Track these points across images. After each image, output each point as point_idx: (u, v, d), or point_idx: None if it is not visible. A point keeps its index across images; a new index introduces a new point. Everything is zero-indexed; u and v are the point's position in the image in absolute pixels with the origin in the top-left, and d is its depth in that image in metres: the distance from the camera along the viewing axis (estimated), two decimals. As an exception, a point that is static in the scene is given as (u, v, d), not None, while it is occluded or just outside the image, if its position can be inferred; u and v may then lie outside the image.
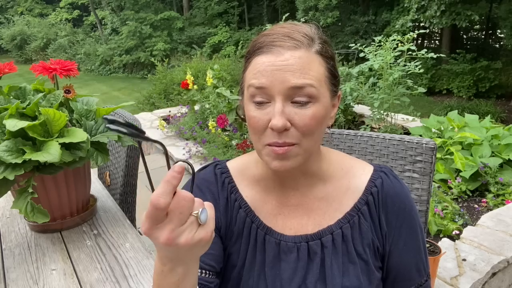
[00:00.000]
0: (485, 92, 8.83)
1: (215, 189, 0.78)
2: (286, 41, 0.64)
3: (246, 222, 0.76)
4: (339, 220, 0.74)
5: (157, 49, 14.76)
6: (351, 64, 6.16)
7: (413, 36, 3.74)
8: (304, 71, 0.63)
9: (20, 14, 22.80)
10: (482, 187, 2.92)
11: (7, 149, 0.94)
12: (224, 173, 0.79)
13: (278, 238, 0.74)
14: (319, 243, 0.73)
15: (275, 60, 0.63)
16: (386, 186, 0.75)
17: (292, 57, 0.63)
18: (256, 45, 0.67)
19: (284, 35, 0.65)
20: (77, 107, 1.12)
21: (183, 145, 4.17)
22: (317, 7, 11.62)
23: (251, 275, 0.74)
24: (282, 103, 0.63)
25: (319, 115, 0.65)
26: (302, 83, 0.62)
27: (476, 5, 8.41)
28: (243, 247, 0.76)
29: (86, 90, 11.53)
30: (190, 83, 4.43)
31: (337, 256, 0.72)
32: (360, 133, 1.20)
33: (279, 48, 0.63)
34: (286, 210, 0.76)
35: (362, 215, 0.74)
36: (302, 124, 0.63)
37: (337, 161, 0.78)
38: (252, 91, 0.65)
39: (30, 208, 0.98)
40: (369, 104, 4.01)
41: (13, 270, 1.02)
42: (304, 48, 0.64)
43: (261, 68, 0.64)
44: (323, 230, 0.74)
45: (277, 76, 0.62)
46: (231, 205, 0.77)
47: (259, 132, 0.66)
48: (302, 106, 0.63)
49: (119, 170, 1.54)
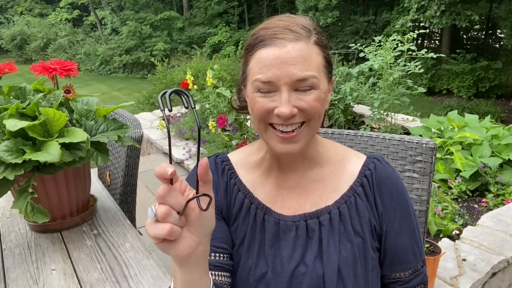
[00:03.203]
0: (485, 92, 8.83)
1: (215, 176, 0.81)
2: (287, 34, 0.67)
3: (245, 203, 0.79)
4: (336, 201, 0.77)
5: (157, 49, 14.75)
6: (351, 64, 6.15)
7: (413, 36, 3.73)
8: (306, 63, 0.67)
9: (20, 14, 22.79)
10: (482, 187, 2.92)
11: (7, 149, 0.94)
12: (224, 161, 0.84)
13: (277, 218, 0.77)
14: (317, 222, 0.76)
15: (280, 52, 0.66)
16: (379, 170, 0.79)
17: (294, 49, 0.66)
18: (258, 38, 0.69)
19: (284, 27, 0.68)
20: (77, 107, 1.12)
21: (183, 145, 4.17)
22: (317, 7, 11.62)
23: (251, 254, 0.76)
24: (287, 93, 0.67)
25: (321, 98, 0.69)
26: (306, 76, 0.66)
27: (476, 5, 8.40)
28: (242, 228, 0.78)
29: (86, 90, 11.53)
30: (190, 83, 4.43)
31: (334, 234, 0.75)
32: (360, 133, 1.20)
33: (282, 41, 0.67)
34: (284, 192, 0.80)
35: (358, 195, 0.77)
36: (307, 106, 0.68)
37: (332, 147, 0.83)
38: (258, 85, 0.68)
39: (30, 208, 0.98)
40: (369, 104, 4.01)
41: (13, 270, 1.02)
42: (303, 40, 0.68)
43: (266, 62, 0.67)
44: (320, 210, 0.77)
45: (283, 69, 0.66)
46: (231, 189, 0.81)
47: (263, 114, 0.69)
48: (305, 92, 0.68)
49: (119, 170, 1.53)
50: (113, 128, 1.12)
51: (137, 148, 1.47)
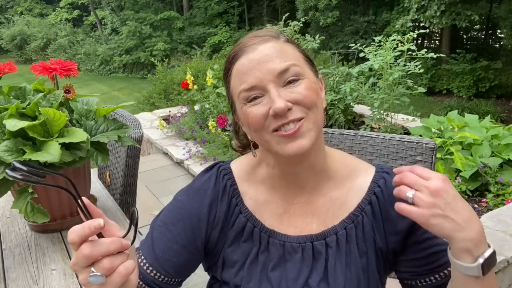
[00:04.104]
0: (485, 92, 8.83)
1: (214, 194, 0.77)
2: (255, 39, 0.69)
3: (247, 227, 0.76)
4: (343, 220, 0.74)
5: (157, 49, 14.75)
6: (351, 64, 6.16)
7: (413, 36, 3.73)
8: (282, 56, 0.67)
9: (20, 14, 22.78)
10: (482, 187, 2.92)
11: (7, 149, 0.94)
12: (226, 174, 0.79)
13: (282, 240, 0.74)
14: (323, 243, 0.73)
15: (253, 55, 0.67)
16: (390, 185, 0.74)
17: (266, 47, 0.67)
18: (230, 56, 0.71)
19: (251, 37, 0.70)
20: (77, 107, 1.12)
21: (183, 145, 4.17)
22: (317, 7, 11.62)
23: (253, 276, 0.74)
24: (275, 89, 0.65)
25: (312, 87, 0.68)
26: (286, 66, 0.66)
27: (476, 5, 8.41)
28: (242, 251, 0.75)
29: (86, 90, 11.53)
30: (190, 83, 4.43)
31: (341, 257, 0.72)
32: (360, 133, 1.20)
33: (252, 46, 0.68)
34: (292, 209, 0.76)
35: (366, 214, 0.74)
36: (302, 97, 0.66)
37: (340, 159, 0.79)
38: (244, 95, 0.67)
39: (30, 208, 0.98)
40: (369, 104, 4.01)
41: (13, 270, 1.02)
42: (273, 40, 0.69)
43: (244, 69, 0.67)
44: (327, 230, 0.74)
45: (261, 69, 0.66)
46: (231, 210, 0.77)
47: (261, 124, 0.66)
48: (294, 84, 0.66)
49: (119, 170, 1.53)
50: (113, 128, 1.12)
51: (137, 148, 1.47)
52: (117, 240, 0.53)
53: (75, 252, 0.51)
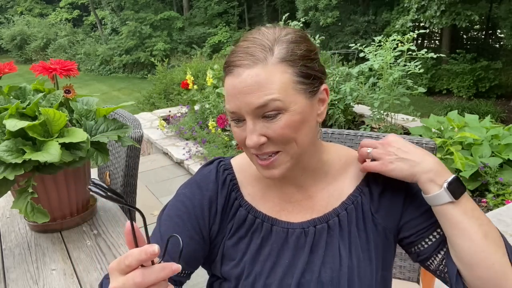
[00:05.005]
0: (485, 92, 8.83)
1: (214, 187, 0.79)
2: (244, 59, 0.65)
3: (248, 219, 0.77)
4: (344, 202, 0.76)
5: (157, 49, 14.76)
6: (351, 64, 6.16)
7: (413, 36, 3.73)
8: (264, 89, 0.63)
9: (20, 14, 22.79)
10: (482, 187, 2.92)
11: (7, 149, 0.94)
12: (227, 169, 0.81)
13: (285, 226, 0.76)
14: (325, 226, 0.75)
15: (236, 83, 0.65)
16: None
17: (249, 76, 0.64)
18: (226, 63, 0.69)
19: (244, 51, 0.66)
20: (77, 107, 1.12)
21: (183, 145, 4.17)
22: (317, 7, 11.62)
23: (256, 264, 0.75)
24: (252, 122, 0.66)
25: (292, 123, 0.65)
26: (264, 101, 0.63)
27: (476, 5, 8.41)
28: (245, 242, 0.77)
29: (86, 90, 11.53)
30: (190, 83, 4.43)
31: (344, 238, 0.74)
32: (360, 133, 1.20)
33: (238, 69, 0.65)
34: (289, 207, 0.78)
35: (364, 195, 0.76)
36: (275, 135, 0.65)
37: (334, 153, 0.81)
38: (229, 114, 0.69)
39: (30, 208, 0.98)
40: (369, 104, 4.01)
41: (13, 270, 1.02)
42: (260, 63, 0.64)
43: (228, 91, 0.67)
44: (329, 213, 0.76)
45: (241, 99, 0.65)
46: (230, 203, 0.78)
47: (242, 144, 0.70)
48: (272, 119, 0.65)
49: (119, 170, 1.54)
50: (113, 128, 1.12)
51: (137, 148, 1.48)
52: (169, 267, 0.50)
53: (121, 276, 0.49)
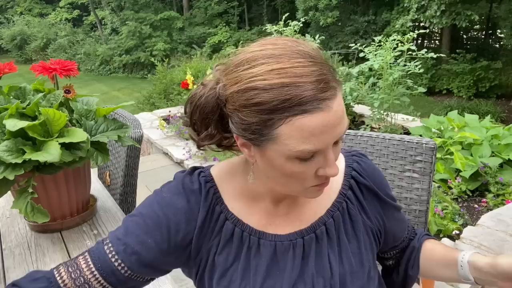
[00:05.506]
0: (485, 92, 8.83)
1: (198, 199, 0.73)
2: (327, 91, 0.56)
3: (235, 233, 0.73)
4: (329, 210, 0.76)
5: (157, 49, 14.75)
6: (351, 64, 6.15)
7: (413, 36, 3.74)
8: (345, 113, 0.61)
9: (20, 14, 22.77)
10: (482, 187, 2.93)
11: (7, 149, 0.94)
12: (208, 182, 0.75)
13: (273, 239, 0.74)
14: (313, 236, 0.74)
15: (328, 117, 0.56)
16: (365, 166, 0.79)
17: (339, 105, 0.58)
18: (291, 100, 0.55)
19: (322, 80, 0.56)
20: (77, 107, 1.12)
21: (183, 145, 4.17)
22: (317, 7, 11.62)
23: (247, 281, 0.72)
24: (332, 152, 0.62)
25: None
26: (346, 127, 0.62)
27: (476, 5, 8.41)
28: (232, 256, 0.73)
29: (86, 90, 11.53)
30: (190, 83, 4.44)
31: (333, 245, 0.74)
32: (360, 133, 1.20)
33: (326, 102, 0.56)
34: (277, 220, 0.75)
35: (349, 199, 0.76)
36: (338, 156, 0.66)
37: None
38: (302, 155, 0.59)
39: (30, 208, 0.98)
40: (369, 104, 4.01)
41: (13, 270, 1.02)
42: (340, 88, 0.60)
43: (315, 132, 0.57)
44: (316, 223, 0.75)
45: (331, 134, 0.58)
46: (215, 217, 0.74)
47: (304, 181, 0.64)
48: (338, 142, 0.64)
49: (119, 170, 1.54)
50: (113, 128, 1.12)
51: (137, 148, 1.47)
52: None
53: None
